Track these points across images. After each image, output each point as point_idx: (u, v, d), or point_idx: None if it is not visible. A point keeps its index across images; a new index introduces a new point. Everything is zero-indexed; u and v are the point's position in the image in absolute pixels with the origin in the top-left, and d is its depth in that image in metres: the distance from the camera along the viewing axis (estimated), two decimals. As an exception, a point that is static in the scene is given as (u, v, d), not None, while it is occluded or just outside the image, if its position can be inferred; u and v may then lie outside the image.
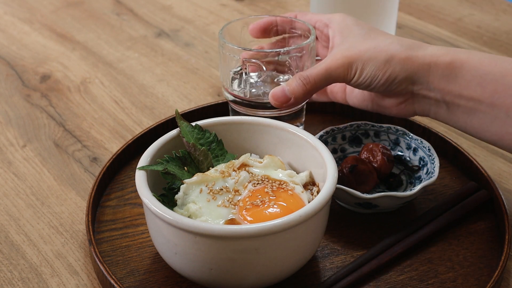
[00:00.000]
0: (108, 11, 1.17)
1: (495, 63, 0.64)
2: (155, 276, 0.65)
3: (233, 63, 0.73)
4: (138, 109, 0.91)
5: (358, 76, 0.69)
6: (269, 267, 0.59)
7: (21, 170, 0.80)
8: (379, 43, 0.68)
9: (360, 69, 0.68)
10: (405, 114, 0.71)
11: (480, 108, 0.64)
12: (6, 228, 0.72)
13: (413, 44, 0.68)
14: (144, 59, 1.03)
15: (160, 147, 0.66)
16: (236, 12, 1.17)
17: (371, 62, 0.67)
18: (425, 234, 0.68)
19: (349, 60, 0.68)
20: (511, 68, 0.63)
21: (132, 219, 0.72)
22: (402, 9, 1.16)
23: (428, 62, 0.66)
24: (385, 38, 0.69)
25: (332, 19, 0.74)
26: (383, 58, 0.67)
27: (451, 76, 0.65)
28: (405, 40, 0.68)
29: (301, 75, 0.70)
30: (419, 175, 0.74)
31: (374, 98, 0.73)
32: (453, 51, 0.66)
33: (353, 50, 0.69)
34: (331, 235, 0.70)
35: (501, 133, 0.64)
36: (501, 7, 1.19)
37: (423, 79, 0.67)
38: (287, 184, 0.64)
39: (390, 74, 0.67)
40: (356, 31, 0.71)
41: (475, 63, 0.64)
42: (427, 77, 0.66)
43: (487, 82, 0.63)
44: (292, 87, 0.70)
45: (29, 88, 0.96)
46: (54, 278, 0.66)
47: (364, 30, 0.71)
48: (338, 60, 0.69)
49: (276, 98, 0.70)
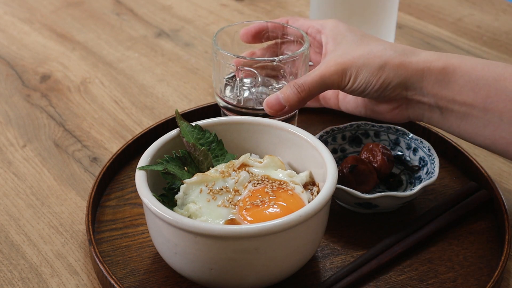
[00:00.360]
0: (108, 11, 1.17)
1: (488, 68, 0.64)
2: (155, 276, 0.65)
3: (226, 70, 0.73)
4: (138, 109, 0.91)
5: (352, 82, 0.69)
6: (269, 267, 0.59)
7: (21, 170, 0.80)
8: (373, 49, 0.68)
9: (354, 76, 0.68)
10: (399, 120, 0.72)
11: (473, 113, 0.65)
12: (6, 228, 0.72)
13: (407, 50, 0.68)
14: (144, 59, 1.03)
15: (160, 147, 0.66)
16: (236, 12, 1.17)
17: (365, 68, 0.68)
18: (425, 234, 0.68)
19: (342, 67, 0.69)
20: (504, 73, 0.63)
21: (132, 219, 0.72)
22: (402, 9, 1.16)
23: (421, 67, 0.66)
24: (378, 44, 0.69)
25: (324, 25, 0.75)
26: (376, 64, 0.67)
27: (444, 82, 0.65)
28: (398, 46, 0.69)
29: (296, 83, 0.70)
30: (419, 175, 0.74)
31: (367, 104, 0.73)
32: (446, 57, 0.66)
33: (346, 57, 0.69)
34: (331, 235, 0.70)
35: (494, 137, 0.64)
36: (501, 7, 1.19)
37: (417, 84, 0.67)
38: (287, 184, 0.64)
39: (384, 80, 0.67)
40: (349, 37, 0.71)
41: (468, 68, 0.65)
42: (420, 83, 0.67)
43: (479, 87, 0.64)
44: (286, 95, 0.70)
45: (29, 88, 0.96)
46: (54, 278, 0.66)
47: (357, 37, 0.71)
48: (332, 67, 0.69)
49: (271, 106, 0.70)
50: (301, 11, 1.18)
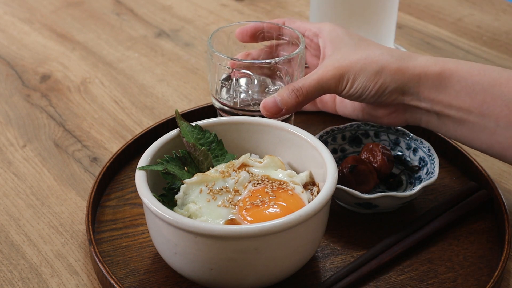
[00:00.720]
0: (108, 11, 1.17)
1: (484, 73, 0.64)
2: (155, 276, 0.65)
3: (222, 72, 0.73)
4: (138, 109, 0.91)
5: (349, 87, 0.69)
6: (269, 267, 0.59)
7: (21, 170, 0.80)
8: (370, 54, 0.69)
9: (352, 81, 0.68)
10: (396, 124, 0.72)
11: (470, 118, 0.65)
12: (6, 228, 0.72)
13: (404, 55, 0.68)
14: (144, 59, 1.03)
15: (160, 147, 0.66)
16: (236, 12, 1.17)
17: (362, 73, 0.68)
18: (425, 234, 0.68)
19: (340, 72, 0.69)
20: (500, 78, 0.64)
21: (132, 219, 0.72)
22: (402, 9, 1.16)
23: (418, 72, 0.66)
24: (376, 49, 0.69)
25: (322, 28, 0.75)
26: (374, 69, 0.67)
27: (440, 87, 0.66)
28: (396, 51, 0.69)
29: (294, 87, 0.70)
30: (419, 175, 0.74)
31: (364, 108, 0.73)
32: (442, 61, 0.66)
33: (344, 61, 0.69)
34: (331, 235, 0.70)
35: (490, 142, 0.65)
36: (501, 7, 1.19)
37: (413, 89, 0.67)
38: (287, 184, 0.64)
39: (380, 85, 0.67)
40: (347, 41, 0.71)
41: (464, 73, 0.65)
42: (417, 88, 0.67)
43: (476, 92, 0.64)
44: (283, 98, 0.70)
45: (29, 88, 0.96)
46: (54, 278, 0.66)
47: (354, 41, 0.71)
48: (330, 71, 0.69)
49: (268, 109, 0.70)
50: (301, 11, 1.18)
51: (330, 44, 0.72)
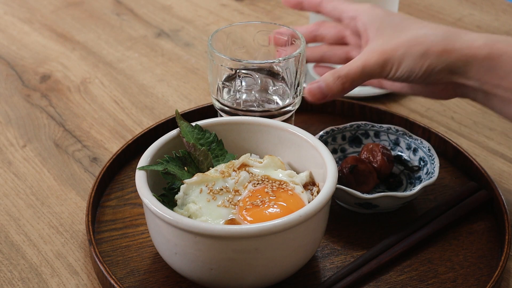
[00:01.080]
0: (108, 11, 1.17)
1: None
2: (155, 276, 0.65)
3: (223, 72, 0.73)
4: (138, 109, 0.91)
5: (395, 71, 0.68)
6: (269, 267, 0.59)
7: (21, 170, 0.80)
8: (413, 35, 0.68)
9: (397, 65, 0.68)
10: (445, 98, 0.72)
11: None
12: (6, 228, 0.72)
13: (449, 33, 0.67)
14: (144, 59, 1.03)
15: (160, 147, 0.66)
16: (236, 12, 1.17)
17: (407, 57, 0.67)
18: (425, 234, 0.68)
19: (384, 57, 0.68)
20: None
21: (132, 219, 0.72)
22: (402, 9, 1.16)
23: (465, 54, 0.66)
24: (419, 28, 0.68)
25: (360, 10, 0.73)
26: (419, 52, 0.67)
27: (489, 68, 0.65)
28: (440, 28, 0.68)
29: (339, 73, 0.69)
30: (419, 175, 0.74)
31: (413, 85, 0.73)
32: (491, 42, 0.65)
33: (387, 46, 0.68)
34: (331, 235, 0.70)
35: None
36: (501, 7, 1.19)
37: (462, 69, 0.66)
38: (287, 184, 0.64)
39: (427, 67, 0.67)
40: (388, 22, 0.70)
41: None
42: (465, 67, 0.66)
43: None
44: (329, 84, 0.69)
45: (29, 88, 0.96)
46: (54, 278, 0.66)
47: (396, 21, 0.70)
48: (374, 57, 0.68)
49: (313, 94, 0.70)
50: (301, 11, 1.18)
51: (371, 27, 0.71)
